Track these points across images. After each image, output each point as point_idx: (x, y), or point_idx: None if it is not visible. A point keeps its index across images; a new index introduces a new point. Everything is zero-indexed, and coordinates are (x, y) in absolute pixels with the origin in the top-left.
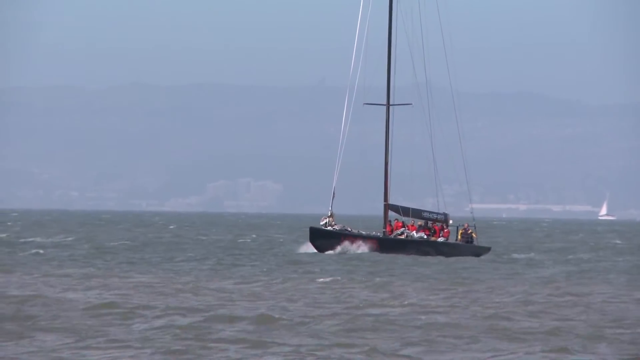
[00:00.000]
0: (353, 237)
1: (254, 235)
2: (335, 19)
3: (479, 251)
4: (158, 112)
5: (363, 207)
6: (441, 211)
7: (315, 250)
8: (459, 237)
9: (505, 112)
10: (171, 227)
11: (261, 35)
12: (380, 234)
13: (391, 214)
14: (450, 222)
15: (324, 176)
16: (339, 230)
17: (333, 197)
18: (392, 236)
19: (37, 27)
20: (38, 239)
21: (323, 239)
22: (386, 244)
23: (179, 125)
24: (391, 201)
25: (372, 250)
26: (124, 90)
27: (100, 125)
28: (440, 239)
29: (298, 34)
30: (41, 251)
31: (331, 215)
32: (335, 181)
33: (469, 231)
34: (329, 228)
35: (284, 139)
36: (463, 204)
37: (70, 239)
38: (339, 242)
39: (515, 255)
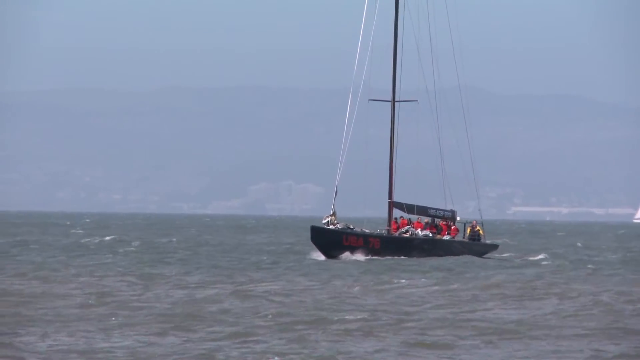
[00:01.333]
0: (355, 237)
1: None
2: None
3: (488, 249)
4: (200, 115)
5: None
6: (448, 208)
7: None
8: (467, 234)
9: (545, 114)
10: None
11: (301, 37)
12: (384, 232)
13: (399, 212)
14: (458, 219)
15: (365, 179)
16: (341, 229)
17: (335, 195)
18: (396, 234)
19: (74, 30)
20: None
21: (325, 238)
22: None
23: (221, 128)
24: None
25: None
26: (167, 93)
27: (142, 127)
28: (446, 237)
29: (340, 35)
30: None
31: (333, 214)
32: (338, 180)
33: (477, 228)
34: (331, 227)
35: (325, 141)
36: (505, 206)
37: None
38: (340, 242)
39: None
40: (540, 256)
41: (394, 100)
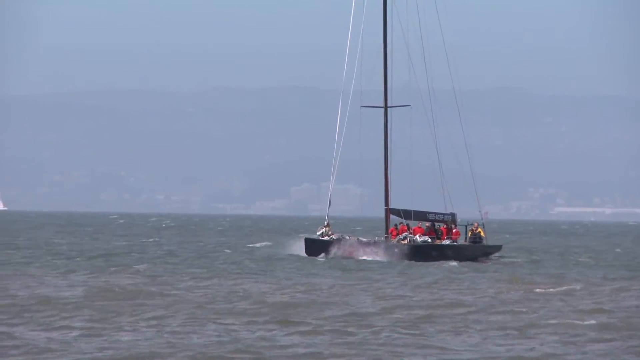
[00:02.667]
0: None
1: None
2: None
3: (491, 250)
4: (243, 116)
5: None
6: (448, 211)
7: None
8: (469, 237)
9: (588, 114)
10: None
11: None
12: (382, 239)
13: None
14: (459, 220)
15: (404, 180)
16: (336, 239)
17: (329, 205)
18: (394, 241)
19: (117, 32)
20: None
21: (320, 249)
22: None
23: (264, 129)
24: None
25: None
26: (211, 94)
27: (186, 128)
28: (446, 241)
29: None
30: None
31: (328, 225)
32: (331, 189)
33: (477, 230)
34: (325, 238)
35: (368, 142)
36: (548, 207)
37: None
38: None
39: None
40: None
41: (386, 107)
